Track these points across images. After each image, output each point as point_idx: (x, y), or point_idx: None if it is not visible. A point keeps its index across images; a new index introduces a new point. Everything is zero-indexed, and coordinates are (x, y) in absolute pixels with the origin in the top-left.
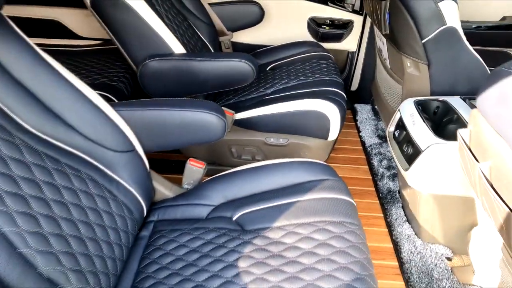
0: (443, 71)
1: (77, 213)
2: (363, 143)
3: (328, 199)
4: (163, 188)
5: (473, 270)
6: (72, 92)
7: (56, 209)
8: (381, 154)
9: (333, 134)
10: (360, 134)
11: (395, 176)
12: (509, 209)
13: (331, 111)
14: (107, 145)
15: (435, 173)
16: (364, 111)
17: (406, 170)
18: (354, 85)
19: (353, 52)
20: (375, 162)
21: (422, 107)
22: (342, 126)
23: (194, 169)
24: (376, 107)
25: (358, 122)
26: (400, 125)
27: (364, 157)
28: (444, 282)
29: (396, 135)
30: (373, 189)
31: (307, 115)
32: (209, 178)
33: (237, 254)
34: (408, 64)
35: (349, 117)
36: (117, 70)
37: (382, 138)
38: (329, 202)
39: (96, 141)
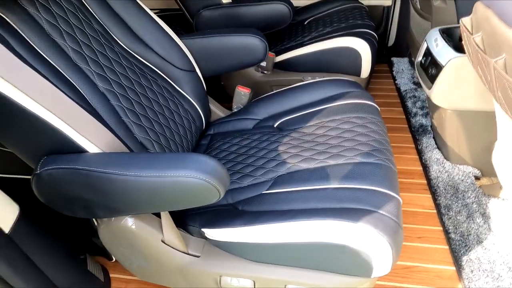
0: (469, 1)
1: (157, 106)
2: (398, 89)
3: (354, 103)
4: (217, 110)
5: (501, 186)
6: (151, 21)
7: (143, 99)
8: (415, 97)
9: (365, 70)
10: (396, 82)
11: (427, 114)
12: None
13: (362, 47)
14: (174, 63)
15: (456, 88)
16: (401, 63)
17: (430, 89)
18: (391, 40)
19: (388, 7)
20: (409, 104)
21: (447, 35)
22: (374, 64)
23: (242, 93)
24: (412, 59)
25: (394, 73)
26: (426, 53)
27: (399, 101)
28: (469, 193)
29: (423, 62)
30: (406, 125)
31: (340, 52)
32: (254, 100)
33: (277, 143)
34: None
35: (386, 69)
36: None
37: (417, 84)
38: (355, 105)
39: (166, 59)
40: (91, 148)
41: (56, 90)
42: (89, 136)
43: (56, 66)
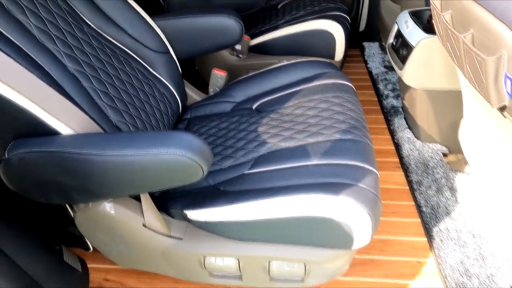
0: None
1: (132, 89)
2: (370, 73)
3: (331, 83)
4: (194, 94)
5: (466, 162)
6: (122, 1)
7: (117, 81)
8: (386, 80)
9: (339, 53)
10: (368, 65)
11: (398, 96)
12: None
13: (336, 29)
14: (147, 45)
15: (426, 67)
16: (372, 48)
17: (401, 69)
18: (362, 25)
19: None
20: (381, 86)
21: (416, 17)
22: (347, 47)
23: (219, 76)
24: (383, 43)
25: (365, 57)
26: (397, 34)
27: (371, 84)
28: (438, 169)
29: (394, 44)
30: (379, 107)
31: (314, 34)
32: (231, 82)
33: (257, 124)
34: None
35: (358, 53)
36: None
37: (388, 67)
38: (332, 85)
39: (139, 41)
40: (64, 130)
41: (21, 68)
42: (61, 117)
43: (19, 45)
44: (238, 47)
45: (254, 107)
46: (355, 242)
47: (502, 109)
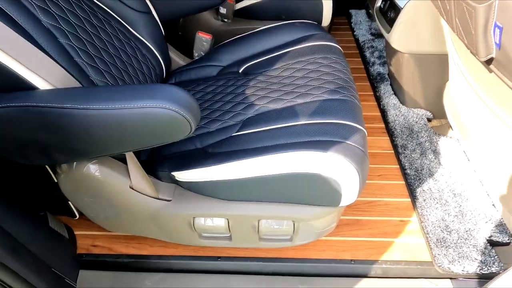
0: None
1: (113, 49)
2: (356, 40)
3: (318, 45)
4: (178, 58)
5: (449, 126)
6: None
7: (96, 40)
8: (373, 47)
9: (326, 18)
10: (354, 33)
11: (384, 63)
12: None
13: None
14: (128, 3)
15: (413, 30)
16: (358, 15)
17: (388, 32)
18: None
19: None
20: (367, 54)
21: None
22: (334, 11)
23: (203, 39)
24: (370, 10)
25: (352, 24)
26: None
27: (358, 51)
28: (423, 133)
29: (382, 7)
30: (365, 75)
31: None
32: (216, 46)
33: (244, 87)
34: None
35: (344, 21)
36: None
37: (375, 35)
38: (319, 46)
39: None
40: (42, 84)
41: None
42: (38, 71)
43: None
44: (222, 11)
45: (240, 70)
46: (343, 199)
47: (488, 62)
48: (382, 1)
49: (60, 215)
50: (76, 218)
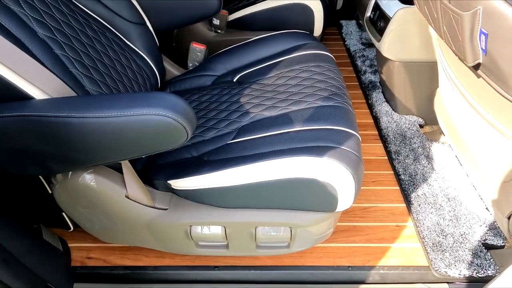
0: None
1: (108, 60)
2: (348, 50)
3: (311, 53)
4: (172, 68)
5: (440, 132)
6: None
7: (91, 50)
8: (364, 56)
9: (318, 28)
10: (346, 43)
11: (375, 71)
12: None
13: (314, 4)
14: (122, 15)
15: (403, 39)
16: (349, 26)
17: (379, 41)
18: (339, 3)
19: None
20: (359, 62)
21: None
22: (325, 22)
23: (197, 49)
24: (360, 21)
25: (343, 35)
26: (375, 7)
27: (349, 60)
28: (415, 139)
29: (372, 17)
30: (357, 83)
31: (293, 8)
32: (210, 56)
33: (239, 95)
34: None
35: (335, 32)
36: None
37: (366, 44)
38: (312, 55)
39: (113, 10)
40: (38, 94)
41: None
42: (34, 81)
43: None
44: (216, 22)
45: (235, 79)
46: (339, 204)
47: (476, 68)
48: (372, 11)
49: (54, 227)
50: (71, 230)
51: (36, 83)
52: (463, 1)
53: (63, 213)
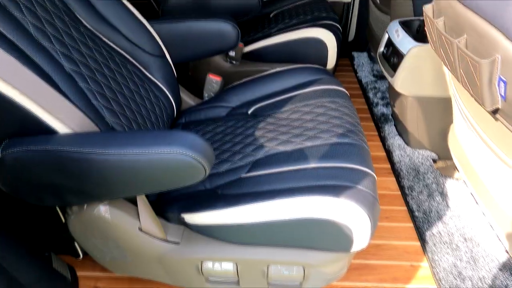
0: None
1: (128, 91)
2: (359, 82)
3: (325, 89)
4: (188, 98)
5: (455, 167)
6: (118, 3)
7: (113, 83)
8: (376, 88)
9: (331, 61)
10: (357, 75)
11: (387, 104)
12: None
13: (328, 38)
14: (143, 47)
15: (416, 75)
16: (361, 57)
17: (392, 76)
18: (351, 35)
19: (348, 3)
20: (370, 94)
21: (406, 26)
22: (338, 55)
23: (214, 81)
24: (372, 53)
25: (355, 66)
26: (388, 43)
27: (361, 92)
28: (429, 175)
29: (385, 52)
30: (369, 115)
31: (307, 42)
32: (226, 87)
33: (253, 128)
34: None
35: (347, 63)
36: None
37: (377, 76)
38: (326, 90)
39: (135, 43)
40: (62, 128)
41: (16, 63)
42: (58, 115)
43: (15, 41)
44: (232, 53)
45: (250, 111)
46: (354, 244)
47: (494, 112)
48: (385, 47)
49: (64, 255)
50: (80, 258)
51: (60, 116)
52: (481, 47)
53: (75, 242)
